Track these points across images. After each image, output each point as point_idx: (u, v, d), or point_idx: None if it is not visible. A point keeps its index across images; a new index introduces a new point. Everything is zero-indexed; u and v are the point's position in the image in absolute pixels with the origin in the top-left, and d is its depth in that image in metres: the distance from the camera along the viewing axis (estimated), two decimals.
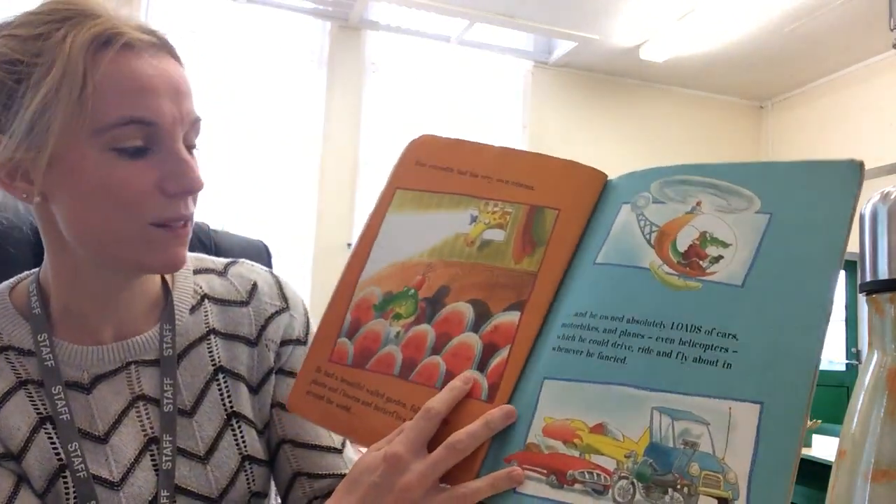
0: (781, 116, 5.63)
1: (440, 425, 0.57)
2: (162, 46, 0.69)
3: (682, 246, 0.57)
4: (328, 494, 0.75)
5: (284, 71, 4.65)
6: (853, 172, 0.54)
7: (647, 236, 0.59)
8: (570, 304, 0.60)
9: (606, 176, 0.65)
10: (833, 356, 5.50)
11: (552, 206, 0.64)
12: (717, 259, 0.56)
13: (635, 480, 0.51)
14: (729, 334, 0.53)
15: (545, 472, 0.54)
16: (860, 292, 0.53)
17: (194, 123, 0.70)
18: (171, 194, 0.67)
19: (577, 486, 0.53)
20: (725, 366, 0.52)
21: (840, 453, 0.51)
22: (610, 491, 0.52)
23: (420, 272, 0.66)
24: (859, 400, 0.50)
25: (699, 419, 0.51)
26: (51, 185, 0.66)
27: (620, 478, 0.52)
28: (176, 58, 0.70)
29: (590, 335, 0.57)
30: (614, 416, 0.54)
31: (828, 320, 0.50)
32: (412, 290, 0.66)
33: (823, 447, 3.10)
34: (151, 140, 0.66)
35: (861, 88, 4.97)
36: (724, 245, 0.56)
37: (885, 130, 4.69)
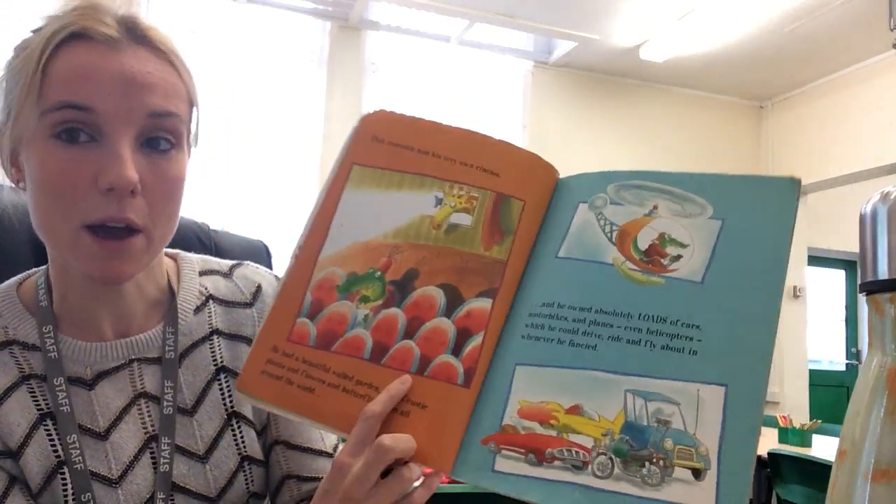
0: (781, 116, 5.63)
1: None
2: (136, 41, 0.68)
3: (643, 244, 0.62)
4: None
5: (284, 71, 4.65)
6: (792, 188, 0.61)
7: (609, 234, 0.63)
8: (536, 294, 0.63)
9: (558, 173, 0.68)
10: (833, 356, 5.51)
11: (518, 197, 0.66)
12: (677, 258, 0.61)
13: (613, 456, 0.55)
14: (693, 325, 0.58)
15: (523, 451, 0.57)
16: (860, 292, 0.53)
17: (158, 118, 0.68)
18: (101, 190, 0.65)
19: (556, 462, 0.56)
20: (691, 353, 0.57)
21: (840, 453, 0.51)
22: (589, 466, 0.55)
23: (385, 253, 0.66)
24: (859, 400, 0.50)
25: (670, 399, 0.56)
26: (24, 173, 0.69)
27: (599, 454, 0.56)
28: (161, 54, 0.70)
29: (559, 324, 0.61)
30: (589, 399, 0.58)
31: (778, 314, 0.57)
32: (378, 273, 0.65)
33: (823, 447, 3.10)
34: (93, 130, 0.66)
35: (861, 88, 4.97)
36: (682, 245, 0.61)
37: (885, 130, 4.68)
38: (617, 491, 0.54)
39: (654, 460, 0.54)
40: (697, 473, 0.53)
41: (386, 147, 0.70)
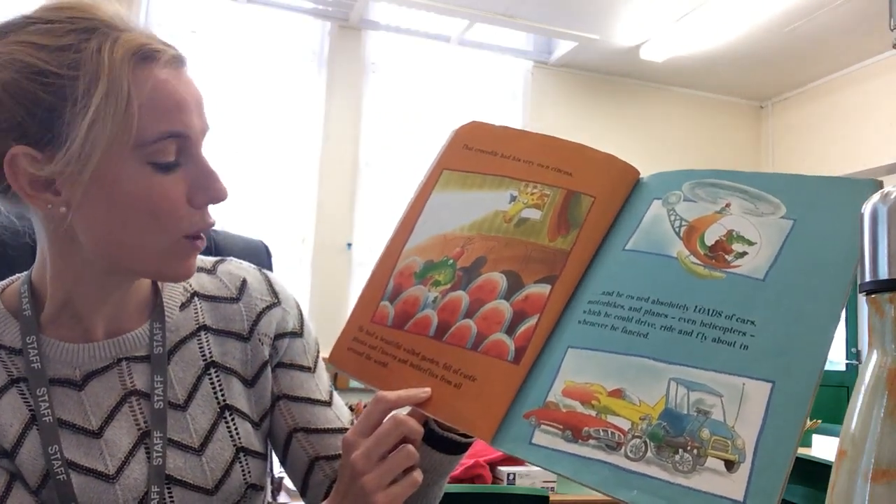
0: (781, 116, 5.63)
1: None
2: (182, 60, 0.70)
3: (710, 240, 0.62)
4: None
5: (284, 71, 4.65)
6: (871, 189, 0.59)
7: (677, 229, 0.64)
8: (599, 283, 0.65)
9: (639, 173, 0.70)
10: (833, 356, 5.51)
11: (588, 193, 0.69)
12: (742, 255, 0.61)
13: (648, 440, 0.55)
14: (748, 320, 0.57)
15: (561, 427, 0.59)
16: (860, 292, 0.54)
17: (205, 134, 0.72)
18: (198, 205, 0.69)
19: (591, 441, 0.57)
20: (742, 347, 0.56)
21: (840, 453, 0.51)
22: (623, 448, 0.56)
23: (460, 244, 0.72)
24: (859, 400, 0.50)
25: (714, 391, 0.55)
26: (83, 196, 0.66)
27: (634, 437, 0.56)
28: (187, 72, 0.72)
29: (615, 312, 0.62)
30: (633, 384, 0.58)
31: (839, 317, 0.55)
32: (451, 260, 0.72)
33: (823, 447, 3.10)
34: (182, 153, 0.68)
35: (861, 88, 4.98)
36: (750, 243, 0.61)
37: (885, 130, 4.69)
38: (646, 474, 0.54)
39: (689, 448, 0.54)
40: (730, 465, 0.52)
41: (474, 153, 0.77)
